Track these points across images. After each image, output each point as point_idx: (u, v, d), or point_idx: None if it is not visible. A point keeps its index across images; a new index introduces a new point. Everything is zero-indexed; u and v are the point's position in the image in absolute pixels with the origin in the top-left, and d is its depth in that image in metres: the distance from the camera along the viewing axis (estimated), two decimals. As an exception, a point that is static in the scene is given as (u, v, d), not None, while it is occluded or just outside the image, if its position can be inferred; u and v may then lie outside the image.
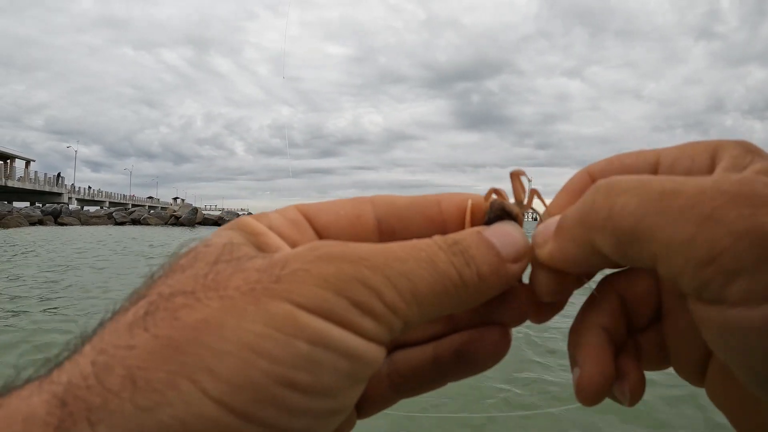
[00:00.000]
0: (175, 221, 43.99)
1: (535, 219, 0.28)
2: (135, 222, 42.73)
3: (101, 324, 0.21)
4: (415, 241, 0.23)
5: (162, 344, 0.18)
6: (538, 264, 0.26)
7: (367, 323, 0.20)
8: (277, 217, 0.26)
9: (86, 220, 39.91)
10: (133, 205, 71.54)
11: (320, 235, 0.27)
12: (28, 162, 57.09)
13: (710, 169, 0.24)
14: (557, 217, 0.25)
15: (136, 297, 0.21)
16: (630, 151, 0.27)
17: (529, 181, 0.28)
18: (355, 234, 0.27)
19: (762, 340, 0.18)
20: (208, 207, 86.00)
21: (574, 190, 0.27)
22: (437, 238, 0.23)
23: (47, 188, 56.70)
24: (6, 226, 30.34)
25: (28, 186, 53.00)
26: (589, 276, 0.26)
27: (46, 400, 0.18)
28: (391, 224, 0.27)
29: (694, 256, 0.19)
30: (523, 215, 0.27)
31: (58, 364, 0.19)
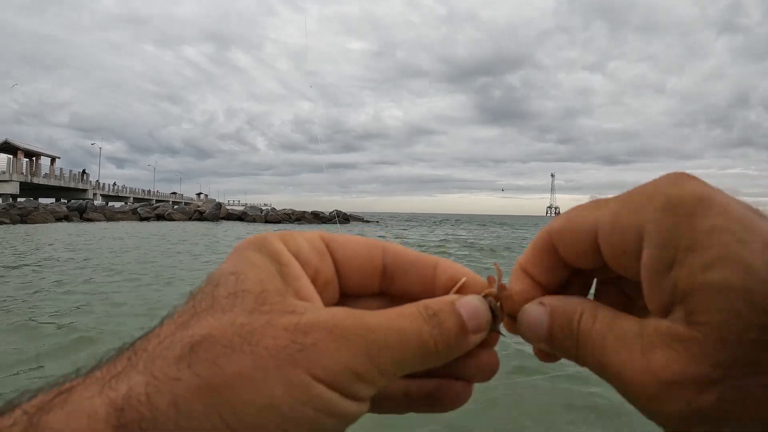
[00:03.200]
0: (200, 216, 43.40)
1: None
2: (159, 217, 42.26)
3: (153, 330, 0.26)
4: (409, 310, 0.28)
5: (202, 384, 0.23)
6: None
7: (363, 389, 0.26)
8: (305, 245, 0.31)
9: (111, 216, 39.52)
10: (157, 201, 71.48)
11: (337, 267, 0.33)
12: (53, 159, 57.27)
13: (639, 249, 0.26)
14: (544, 320, 0.30)
15: (180, 319, 0.26)
16: (582, 207, 0.30)
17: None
18: (363, 274, 0.33)
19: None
20: (231, 202, 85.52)
21: (539, 248, 0.32)
22: (422, 307, 0.28)
23: (72, 185, 56.87)
24: (33, 222, 29.98)
25: (53, 182, 53.16)
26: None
27: (106, 402, 0.23)
28: (394, 273, 0.33)
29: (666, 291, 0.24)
30: (503, 316, 0.31)
31: (115, 375, 0.24)
